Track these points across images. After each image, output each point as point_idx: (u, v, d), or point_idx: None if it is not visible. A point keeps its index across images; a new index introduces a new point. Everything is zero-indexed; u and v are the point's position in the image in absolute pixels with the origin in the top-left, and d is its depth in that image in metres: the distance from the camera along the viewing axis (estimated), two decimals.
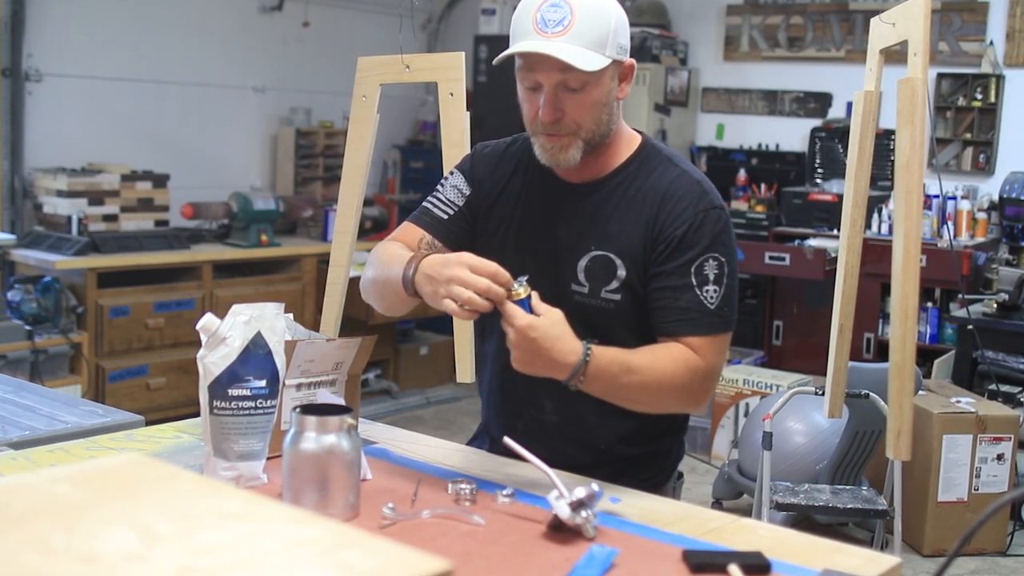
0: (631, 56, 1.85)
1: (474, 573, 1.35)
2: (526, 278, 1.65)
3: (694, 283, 1.78)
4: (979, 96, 5.44)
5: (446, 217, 1.95)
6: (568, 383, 1.68)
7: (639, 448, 1.94)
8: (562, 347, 1.64)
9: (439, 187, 2.00)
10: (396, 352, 5.99)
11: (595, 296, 1.85)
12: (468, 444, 2.06)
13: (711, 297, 1.79)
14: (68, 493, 0.97)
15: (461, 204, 1.95)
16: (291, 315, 1.88)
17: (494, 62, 1.81)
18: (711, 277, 1.79)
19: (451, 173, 2.00)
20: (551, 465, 1.57)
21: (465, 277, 1.61)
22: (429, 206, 1.98)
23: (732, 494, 4.37)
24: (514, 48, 1.75)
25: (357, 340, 1.87)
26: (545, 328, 1.62)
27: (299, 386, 1.81)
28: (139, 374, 4.87)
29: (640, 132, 1.94)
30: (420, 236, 1.94)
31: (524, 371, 1.67)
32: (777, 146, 6.07)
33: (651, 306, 1.82)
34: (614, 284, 1.84)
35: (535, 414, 1.91)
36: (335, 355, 1.85)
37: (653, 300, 1.81)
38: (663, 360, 1.75)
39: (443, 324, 5.38)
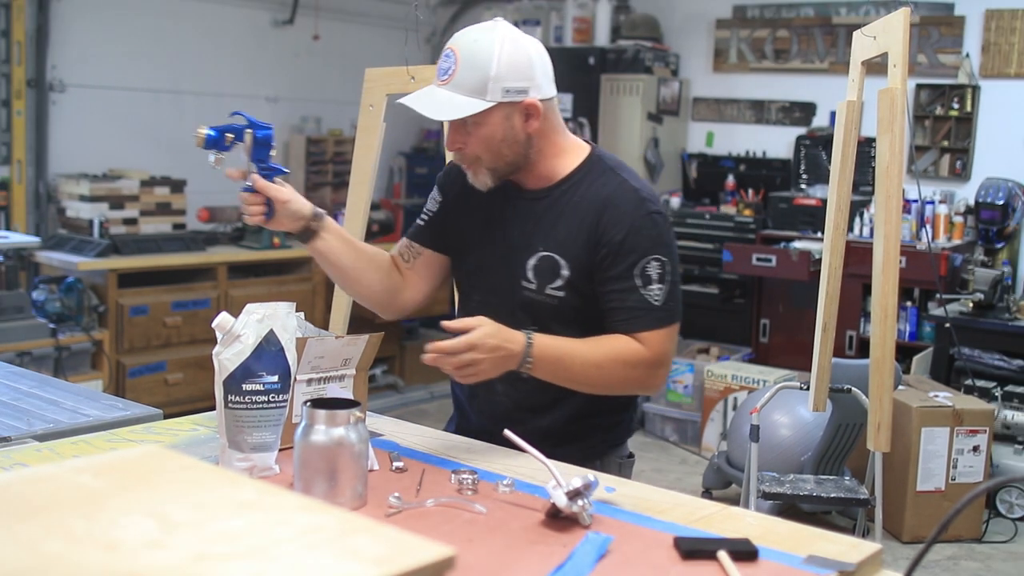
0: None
1: (476, 559, 1.35)
2: None
3: (639, 284, 1.86)
4: (956, 106, 5.44)
5: (423, 224, 2.11)
6: (520, 369, 1.80)
7: (579, 424, 2.00)
8: (509, 337, 1.78)
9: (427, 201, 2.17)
10: (402, 349, 5.99)
11: (541, 292, 1.93)
12: (445, 428, 2.14)
13: (656, 295, 1.87)
14: (90, 483, 0.97)
15: (435, 210, 2.09)
16: (302, 314, 1.88)
17: (397, 102, 2.02)
18: (654, 277, 1.87)
19: (434, 187, 2.14)
20: (500, 443, 1.67)
21: None
22: (418, 219, 2.14)
23: (721, 484, 4.37)
24: (405, 99, 1.91)
25: (364, 337, 1.87)
26: (495, 330, 1.77)
27: (309, 381, 1.81)
28: (157, 370, 4.87)
29: (590, 143, 2.02)
30: (403, 244, 2.13)
31: (489, 376, 1.79)
32: (764, 153, 6.07)
33: (603, 307, 1.90)
34: (558, 282, 1.91)
35: (488, 395, 2.00)
36: (344, 352, 1.85)
37: (604, 302, 1.89)
38: (604, 348, 1.86)
39: None
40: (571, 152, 1.97)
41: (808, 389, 3.00)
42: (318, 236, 1.97)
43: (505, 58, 1.83)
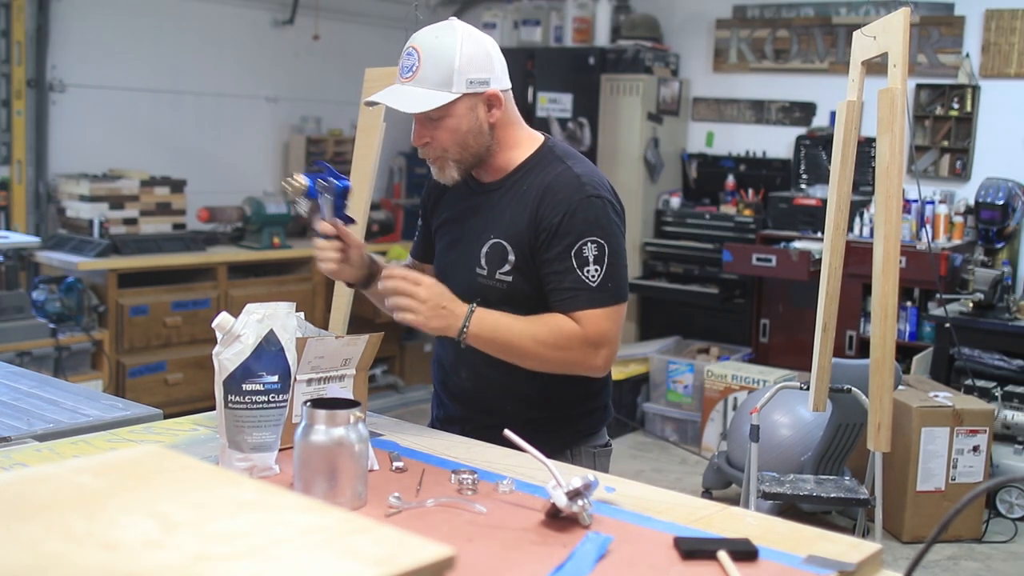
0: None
1: (476, 559, 1.35)
2: None
3: (575, 265, 1.91)
4: (956, 106, 5.44)
5: (417, 239, 2.26)
6: (459, 336, 1.88)
7: (544, 412, 2.04)
8: (454, 300, 1.89)
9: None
10: (402, 349, 5.99)
11: (491, 277, 2.00)
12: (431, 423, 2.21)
13: (592, 276, 1.91)
14: (90, 483, 0.97)
15: (421, 224, 2.23)
16: (302, 313, 1.89)
17: (366, 102, 2.04)
18: (591, 258, 1.91)
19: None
20: (470, 429, 1.76)
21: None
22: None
23: (721, 484, 4.37)
24: (372, 97, 1.97)
25: (364, 337, 1.88)
26: (442, 287, 1.88)
27: (309, 381, 1.81)
28: (157, 370, 4.87)
29: (545, 135, 2.08)
30: (411, 262, 2.27)
31: (424, 321, 1.85)
32: (764, 153, 6.07)
33: (544, 289, 1.96)
34: (506, 267, 1.99)
35: (456, 380, 2.09)
36: (344, 352, 1.85)
37: (545, 284, 1.96)
38: (540, 324, 1.91)
39: None
40: (525, 143, 2.04)
41: (808, 389, 3.00)
42: (376, 280, 2.06)
43: (467, 51, 1.90)
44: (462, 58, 1.89)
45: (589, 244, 1.91)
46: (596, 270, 1.91)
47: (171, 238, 5.07)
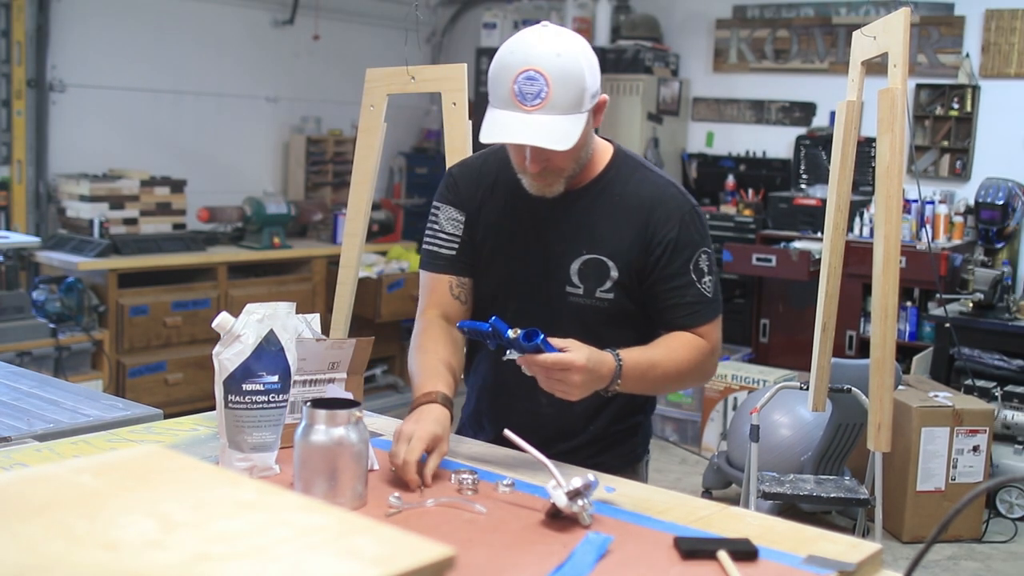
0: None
1: (476, 559, 1.35)
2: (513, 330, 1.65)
3: (695, 279, 1.87)
4: (956, 106, 5.44)
5: (455, 253, 1.96)
6: (607, 391, 1.75)
7: (617, 425, 2.00)
8: (600, 360, 1.70)
9: (434, 225, 1.99)
10: (402, 349, 5.98)
11: (590, 296, 1.88)
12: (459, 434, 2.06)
13: (708, 287, 1.88)
14: (90, 483, 0.97)
15: (461, 232, 1.96)
16: (318, 316, 1.88)
17: (482, 139, 1.79)
18: (705, 269, 1.88)
19: (438, 208, 1.99)
20: (547, 453, 1.58)
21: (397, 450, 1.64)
22: (435, 248, 1.98)
23: (721, 484, 4.37)
24: (496, 136, 1.74)
25: (352, 341, 1.86)
26: (588, 353, 1.68)
27: (294, 383, 1.78)
28: (158, 370, 4.87)
29: (608, 140, 1.96)
30: (447, 285, 1.96)
31: (578, 398, 1.70)
32: (764, 153, 6.07)
33: (661, 305, 1.89)
34: (607, 284, 1.88)
35: (531, 407, 1.92)
36: (329, 355, 1.83)
37: (662, 300, 1.88)
38: (678, 350, 1.85)
39: None
40: (600, 148, 1.92)
41: (808, 389, 3.00)
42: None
43: (588, 64, 1.76)
44: (589, 73, 1.75)
45: (703, 255, 1.88)
46: (710, 280, 1.88)
47: (171, 238, 5.07)
